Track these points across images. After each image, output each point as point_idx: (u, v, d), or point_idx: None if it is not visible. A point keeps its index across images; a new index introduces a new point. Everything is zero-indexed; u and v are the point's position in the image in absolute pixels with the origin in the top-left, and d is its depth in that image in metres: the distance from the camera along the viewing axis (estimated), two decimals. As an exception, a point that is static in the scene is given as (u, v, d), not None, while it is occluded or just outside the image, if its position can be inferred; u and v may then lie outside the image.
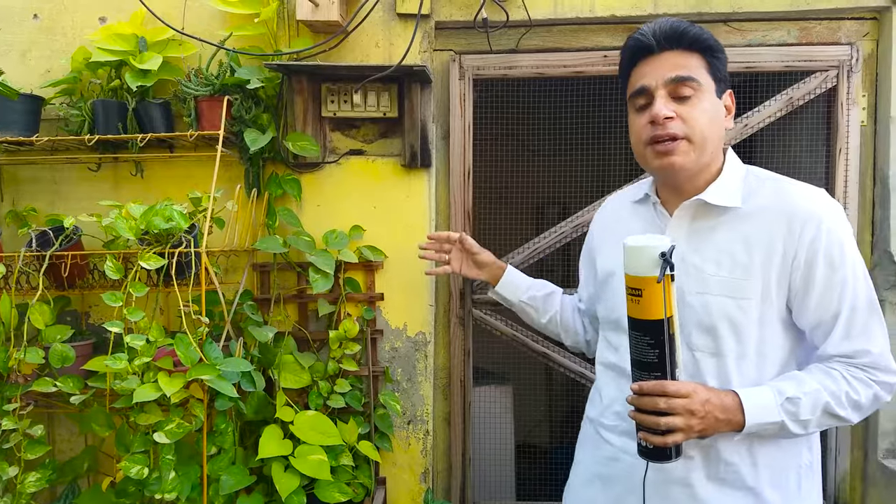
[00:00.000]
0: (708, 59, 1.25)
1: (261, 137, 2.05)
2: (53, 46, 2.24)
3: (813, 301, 1.22)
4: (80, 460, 1.97)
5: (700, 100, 1.22)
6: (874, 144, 2.20)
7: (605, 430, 1.39)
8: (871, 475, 2.21)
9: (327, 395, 2.10)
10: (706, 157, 1.25)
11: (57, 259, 1.89)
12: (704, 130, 1.22)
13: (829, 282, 1.21)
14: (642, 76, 1.25)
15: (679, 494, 1.27)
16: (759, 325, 1.23)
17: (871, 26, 2.19)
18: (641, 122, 1.26)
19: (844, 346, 1.21)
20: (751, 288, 1.22)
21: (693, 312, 1.24)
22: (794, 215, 1.21)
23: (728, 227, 1.25)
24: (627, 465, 1.32)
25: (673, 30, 1.23)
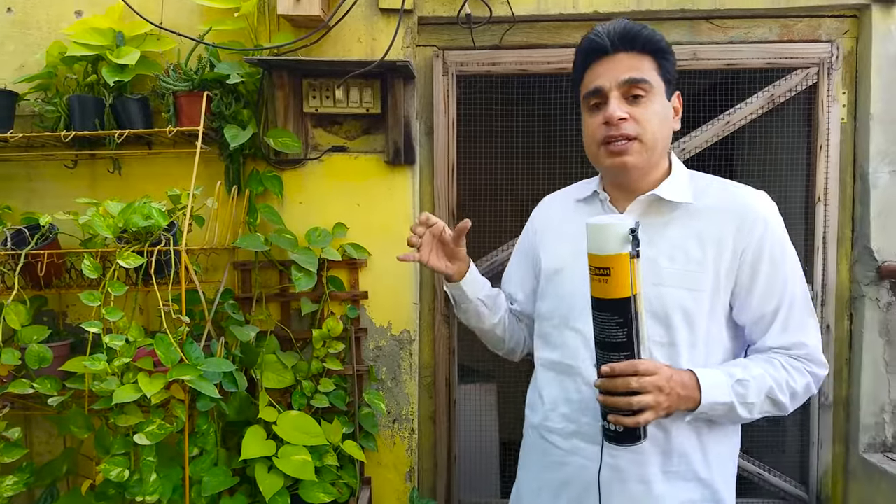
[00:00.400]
0: (659, 60, 1.28)
1: (241, 133, 2.02)
2: (27, 41, 2.19)
3: (756, 296, 1.28)
4: (59, 463, 1.93)
5: (651, 101, 1.26)
6: (854, 141, 2.23)
7: (552, 433, 1.37)
8: (853, 469, 2.23)
9: (311, 394, 2.07)
10: (656, 157, 1.31)
11: (33, 258, 1.84)
12: (655, 131, 1.27)
13: (772, 279, 1.28)
14: (597, 77, 1.28)
15: (636, 491, 1.28)
16: (709, 316, 1.28)
17: (851, 24, 2.21)
18: (595, 122, 1.29)
19: (783, 338, 1.28)
20: (704, 280, 1.27)
21: (647, 303, 1.27)
22: (744, 214, 1.28)
23: (680, 224, 1.30)
24: (578, 468, 1.32)
25: (627, 32, 1.26)
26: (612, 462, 1.28)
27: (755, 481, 2.31)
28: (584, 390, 1.31)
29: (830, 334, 2.24)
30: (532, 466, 1.44)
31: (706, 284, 1.27)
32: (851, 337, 2.25)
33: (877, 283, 2.18)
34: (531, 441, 1.45)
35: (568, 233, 1.39)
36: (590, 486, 1.29)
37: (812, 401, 2.25)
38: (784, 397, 1.25)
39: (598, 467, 1.27)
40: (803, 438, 2.30)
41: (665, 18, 2.21)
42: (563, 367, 1.36)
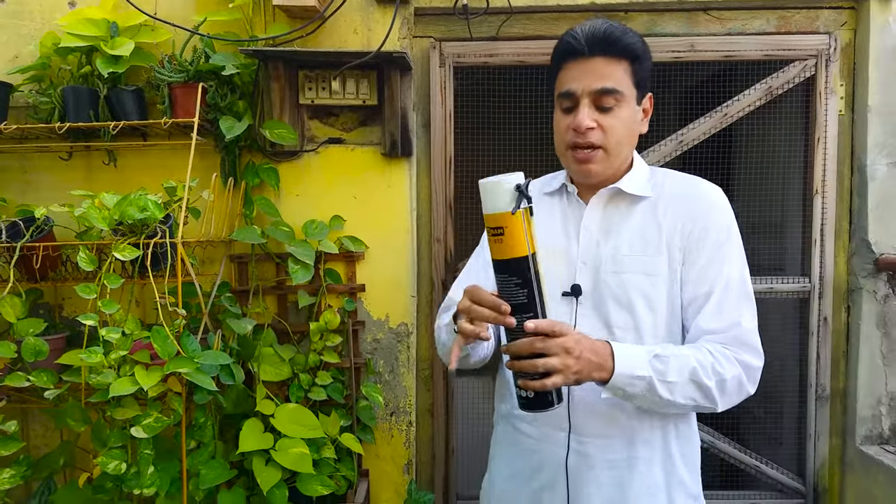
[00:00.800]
0: (634, 66, 1.29)
1: (237, 125, 2.01)
2: (21, 31, 2.17)
3: (694, 274, 1.29)
4: (56, 456, 1.92)
5: (621, 109, 1.28)
6: (852, 134, 2.22)
7: (522, 421, 1.37)
8: (850, 461, 2.24)
9: (308, 387, 2.07)
10: (619, 163, 1.33)
11: (28, 250, 1.83)
12: (621, 140, 1.30)
13: (710, 259, 1.29)
14: (571, 79, 1.29)
15: (603, 476, 1.30)
16: (667, 301, 1.30)
17: (849, 16, 2.21)
18: (564, 125, 1.31)
19: (716, 321, 1.27)
20: (660, 264, 1.30)
21: (609, 289, 1.29)
22: (693, 196, 1.34)
23: (640, 215, 1.34)
24: (549, 454, 1.32)
25: (606, 37, 1.26)
26: (580, 448, 1.29)
27: (752, 474, 2.32)
28: None
29: (828, 326, 2.24)
30: (504, 455, 1.45)
31: (662, 269, 1.30)
32: (849, 329, 2.25)
33: (874, 276, 2.18)
34: (502, 430, 1.46)
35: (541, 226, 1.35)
36: (559, 472, 1.31)
37: (809, 393, 2.26)
38: (710, 381, 1.21)
39: (566, 453, 1.29)
40: (800, 431, 2.31)
41: (662, 10, 2.20)
42: None
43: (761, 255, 2.47)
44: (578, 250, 1.33)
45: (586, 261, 1.32)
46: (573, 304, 1.31)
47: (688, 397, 1.22)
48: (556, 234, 1.37)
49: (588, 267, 1.32)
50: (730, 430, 2.38)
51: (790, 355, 2.36)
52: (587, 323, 1.30)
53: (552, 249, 1.34)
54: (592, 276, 1.31)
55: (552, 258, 1.33)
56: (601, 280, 1.30)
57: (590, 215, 1.35)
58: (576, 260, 1.33)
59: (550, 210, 1.41)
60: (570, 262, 1.34)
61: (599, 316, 1.30)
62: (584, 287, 1.31)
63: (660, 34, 2.21)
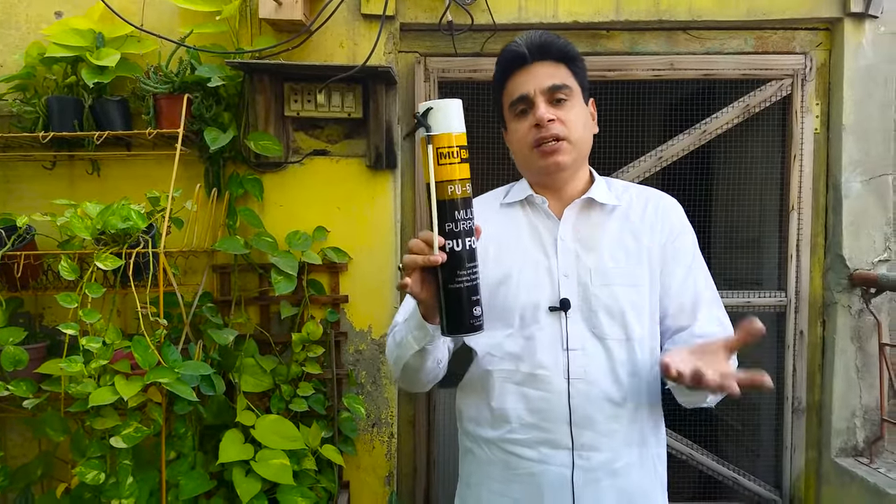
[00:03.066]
0: (572, 68, 1.35)
1: (221, 136, 2.02)
2: (6, 41, 2.18)
3: (676, 284, 1.35)
4: (34, 466, 1.91)
5: (573, 104, 1.33)
6: (827, 151, 2.27)
7: (516, 445, 1.33)
8: (826, 473, 2.27)
9: (290, 398, 2.07)
10: (581, 159, 1.37)
11: (9, 259, 1.83)
12: (580, 132, 1.34)
13: (689, 267, 1.36)
14: (520, 85, 1.34)
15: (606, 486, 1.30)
16: (650, 309, 1.34)
17: (824, 36, 2.26)
18: (524, 127, 1.34)
19: (709, 326, 1.33)
20: (642, 275, 1.33)
21: (600, 302, 1.31)
22: (658, 205, 1.39)
23: (615, 224, 1.37)
24: (552, 475, 1.31)
25: (543, 43, 1.33)
26: (585, 464, 1.29)
27: (730, 485, 2.35)
28: (550, 398, 1.30)
29: (803, 340, 2.28)
30: (494, 482, 1.38)
31: (645, 278, 1.33)
32: (824, 343, 2.29)
33: (849, 291, 2.22)
34: (487, 456, 1.38)
35: (506, 241, 1.39)
36: (565, 491, 1.30)
37: (785, 406, 2.29)
38: None
39: (571, 472, 1.29)
40: (777, 443, 2.34)
41: (643, 29, 2.24)
42: (525, 376, 1.33)
43: (739, 270, 2.51)
44: (558, 263, 1.34)
45: (568, 273, 1.33)
46: (562, 318, 1.31)
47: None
48: (530, 248, 1.37)
49: (571, 280, 1.32)
50: (708, 443, 2.41)
51: (767, 369, 2.32)
52: (578, 336, 1.30)
53: (530, 263, 1.35)
54: (579, 290, 1.32)
55: (531, 272, 1.34)
56: (591, 294, 1.31)
57: (564, 227, 1.36)
58: (556, 273, 1.33)
59: (515, 222, 1.40)
60: (551, 275, 1.33)
61: (590, 328, 1.31)
62: (572, 300, 1.31)
63: (641, 52, 2.25)
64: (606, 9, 2.18)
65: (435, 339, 1.24)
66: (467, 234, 1.11)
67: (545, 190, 1.40)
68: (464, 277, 1.12)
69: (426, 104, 1.12)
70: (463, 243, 1.11)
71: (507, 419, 1.34)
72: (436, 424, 2.34)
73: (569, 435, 1.30)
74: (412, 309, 1.26)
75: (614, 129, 2.26)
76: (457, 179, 1.11)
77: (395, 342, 1.33)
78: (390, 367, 1.44)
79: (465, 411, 1.45)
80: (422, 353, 1.25)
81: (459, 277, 1.12)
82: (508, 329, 1.35)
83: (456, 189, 1.11)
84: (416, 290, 1.14)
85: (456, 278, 1.11)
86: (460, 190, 1.11)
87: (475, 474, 1.43)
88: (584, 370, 1.29)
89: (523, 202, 1.42)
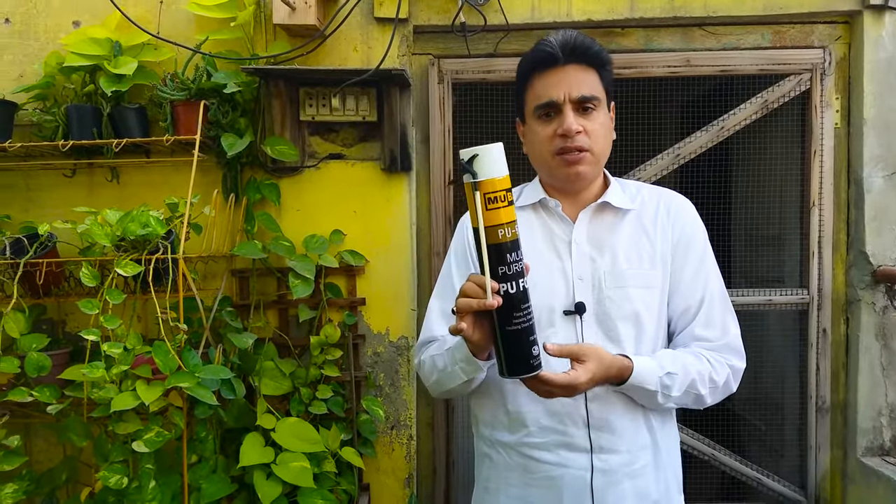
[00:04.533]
0: (602, 73, 1.33)
1: (238, 142, 2.04)
2: (26, 51, 2.21)
3: (683, 285, 1.35)
4: (58, 471, 1.94)
5: (599, 114, 1.32)
6: (848, 146, 2.24)
7: (534, 449, 1.33)
8: (851, 473, 2.24)
9: (309, 401, 2.08)
10: (600, 168, 1.38)
11: (31, 267, 1.85)
12: (602, 143, 1.33)
13: (697, 267, 1.36)
14: (548, 87, 1.31)
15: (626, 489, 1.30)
16: (659, 310, 1.35)
17: (843, 30, 2.23)
18: (548, 132, 1.32)
19: (708, 329, 1.34)
20: (656, 277, 1.34)
21: (615, 306, 1.31)
22: (670, 206, 1.39)
23: (629, 227, 1.37)
24: (571, 479, 1.30)
25: (578, 45, 1.30)
26: (604, 466, 1.29)
27: (754, 486, 2.32)
28: (566, 402, 1.29)
29: (827, 338, 2.24)
30: (513, 487, 1.38)
31: (658, 281, 1.34)
32: (848, 341, 2.26)
33: (872, 287, 2.19)
34: (505, 461, 1.38)
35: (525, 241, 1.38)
36: (584, 495, 1.29)
37: (809, 405, 2.26)
38: (704, 390, 1.30)
39: (590, 475, 1.29)
40: (801, 443, 2.31)
41: (658, 25, 2.22)
42: None
43: (760, 268, 2.48)
44: (572, 266, 1.33)
45: (582, 276, 1.33)
46: (577, 322, 1.31)
47: (680, 403, 1.31)
48: (543, 251, 1.36)
49: (585, 283, 1.32)
50: (730, 443, 2.38)
51: (790, 367, 2.37)
52: (593, 339, 1.30)
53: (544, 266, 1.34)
54: (594, 293, 1.32)
55: (545, 275, 1.34)
56: (605, 296, 1.31)
57: (578, 230, 1.36)
58: (571, 276, 1.33)
59: (528, 225, 1.39)
60: (565, 278, 1.33)
61: (604, 331, 1.31)
62: (587, 304, 1.31)
63: (656, 49, 2.24)
64: (621, 6, 2.16)
65: (484, 369, 1.28)
66: (519, 275, 1.12)
67: (559, 193, 1.40)
68: (520, 319, 1.12)
69: (470, 151, 1.11)
70: (517, 285, 1.12)
71: (524, 423, 1.34)
72: (454, 426, 2.33)
73: (587, 437, 1.30)
74: (458, 343, 1.28)
75: (630, 127, 2.23)
76: (505, 223, 1.11)
77: (437, 367, 1.36)
78: (428, 384, 1.43)
79: (480, 416, 1.45)
80: (470, 381, 1.31)
81: (516, 319, 1.12)
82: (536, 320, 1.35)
83: (506, 232, 1.11)
84: (469, 333, 1.15)
85: (513, 320, 1.12)
86: (510, 233, 1.11)
87: (493, 479, 1.42)
88: None
89: (536, 205, 1.42)
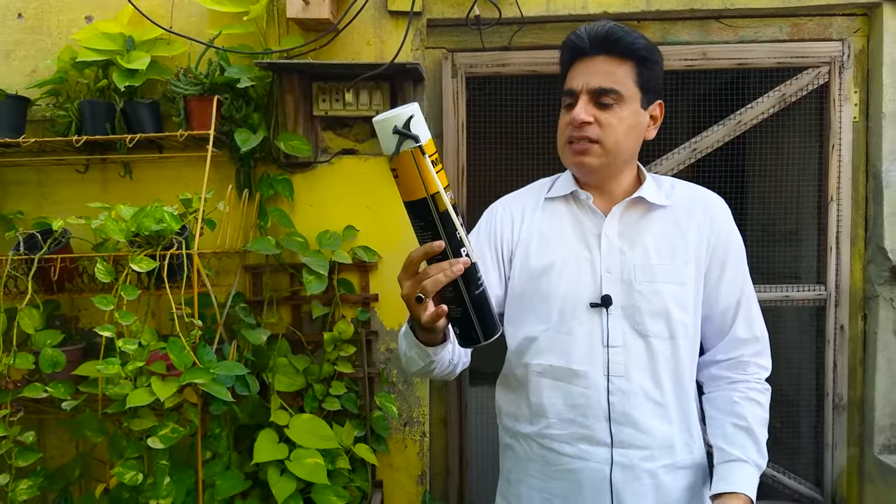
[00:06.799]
0: (638, 68, 1.29)
1: (252, 137, 2.03)
2: (39, 46, 2.20)
3: (725, 284, 1.34)
4: (72, 467, 1.93)
5: (620, 109, 1.28)
6: (866, 140, 2.21)
7: (554, 441, 1.33)
8: (868, 471, 2.22)
9: (322, 397, 2.07)
10: (619, 163, 1.33)
11: (46, 262, 1.85)
12: (619, 138, 1.29)
13: (735, 268, 1.35)
14: (574, 77, 1.31)
15: (646, 485, 1.30)
16: (694, 307, 1.33)
17: (862, 22, 2.20)
18: (565, 121, 1.32)
19: (747, 329, 1.35)
20: (689, 273, 1.32)
21: (645, 300, 1.29)
22: (707, 205, 1.37)
23: (661, 223, 1.35)
24: (591, 472, 1.30)
25: (608, 35, 1.27)
26: (624, 461, 1.28)
27: (769, 483, 2.30)
28: (589, 394, 1.29)
29: (844, 335, 2.22)
30: (534, 478, 1.38)
31: (691, 277, 1.32)
32: (865, 337, 2.24)
33: (891, 283, 2.16)
34: (526, 452, 1.38)
35: (549, 235, 1.38)
36: (604, 489, 1.29)
37: (826, 402, 2.24)
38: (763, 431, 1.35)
39: (610, 469, 1.28)
40: (818, 440, 2.29)
41: (675, 18, 2.20)
42: (563, 371, 1.32)
43: (776, 263, 2.46)
44: (601, 259, 1.32)
45: (611, 269, 1.31)
46: (603, 315, 1.30)
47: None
48: (573, 242, 1.35)
49: (614, 276, 1.31)
50: (746, 440, 2.36)
51: (806, 364, 2.35)
52: (619, 333, 1.29)
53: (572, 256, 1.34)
54: (623, 286, 1.30)
55: (574, 266, 1.33)
56: (635, 290, 1.30)
57: (609, 223, 1.34)
58: (599, 268, 1.31)
59: (559, 216, 1.39)
60: (593, 270, 1.32)
61: (632, 325, 1.29)
62: (614, 297, 1.29)
63: (672, 42, 2.21)
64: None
65: (439, 352, 1.19)
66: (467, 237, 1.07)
67: (590, 186, 1.38)
68: (481, 280, 1.07)
69: (400, 113, 1.00)
70: (470, 247, 1.06)
71: (544, 414, 1.34)
72: (468, 424, 2.32)
73: (608, 431, 1.28)
74: (405, 329, 1.23)
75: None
76: (447, 185, 1.04)
77: (402, 350, 1.29)
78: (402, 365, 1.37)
79: (503, 407, 1.45)
80: (428, 364, 1.21)
81: (479, 281, 1.07)
82: (546, 323, 1.34)
83: (452, 195, 1.05)
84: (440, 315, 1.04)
85: (478, 283, 1.06)
86: (453, 195, 1.07)
87: (515, 470, 1.42)
88: (624, 367, 1.28)
89: (567, 197, 1.40)
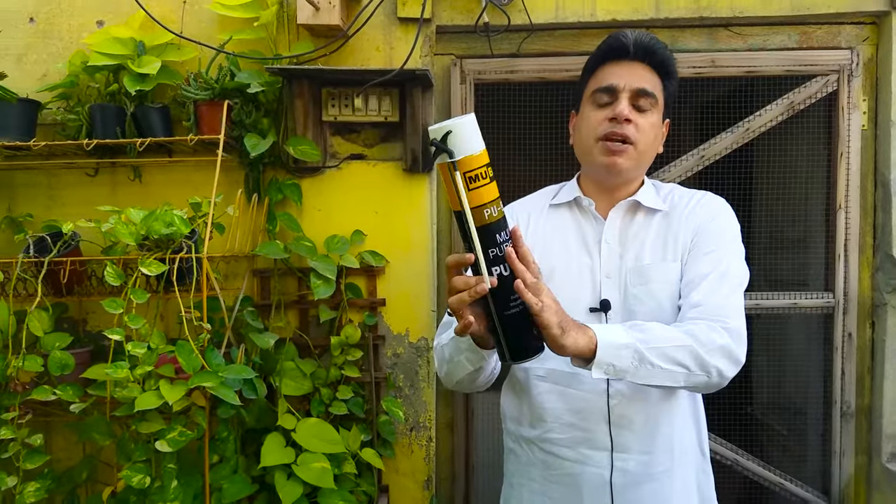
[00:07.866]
0: (665, 82, 1.35)
1: (261, 142, 2.03)
2: (50, 50, 2.22)
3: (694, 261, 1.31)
4: (79, 470, 1.93)
5: (653, 115, 1.33)
6: (875, 148, 2.21)
7: (554, 445, 1.34)
8: (876, 479, 2.21)
9: (329, 401, 2.07)
10: (641, 169, 1.37)
11: (55, 265, 1.85)
12: (649, 143, 1.33)
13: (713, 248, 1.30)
14: (612, 75, 1.32)
15: (646, 490, 1.30)
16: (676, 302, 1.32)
17: (871, 31, 2.20)
18: (600, 117, 1.32)
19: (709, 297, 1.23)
20: (677, 269, 1.32)
21: (639, 302, 1.31)
22: (699, 201, 1.38)
23: (657, 227, 1.36)
24: (590, 476, 1.31)
25: (651, 45, 1.32)
26: (624, 466, 1.29)
27: (776, 491, 2.29)
28: (588, 398, 1.30)
29: (852, 342, 2.21)
30: (535, 482, 1.39)
31: (678, 273, 1.32)
32: (873, 345, 2.23)
33: (899, 291, 2.16)
34: (528, 456, 1.39)
35: (551, 241, 1.40)
36: (604, 493, 1.30)
37: (833, 410, 2.23)
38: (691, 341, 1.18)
39: (610, 474, 1.29)
40: (825, 448, 2.28)
41: (684, 26, 2.20)
42: (563, 375, 1.32)
43: (784, 271, 2.46)
44: (600, 264, 1.34)
45: (610, 274, 1.33)
46: (602, 319, 1.31)
47: (678, 362, 1.16)
48: (574, 248, 1.37)
49: (612, 280, 1.33)
50: (753, 448, 2.36)
51: (814, 371, 2.34)
52: None
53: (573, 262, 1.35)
54: (620, 290, 1.32)
55: (574, 271, 1.34)
56: (630, 294, 1.31)
57: (610, 229, 1.36)
58: (599, 274, 1.33)
59: (562, 223, 1.41)
60: (593, 276, 1.34)
61: None
62: (613, 301, 1.31)
63: (681, 50, 2.21)
64: (646, 6, 2.14)
65: (489, 358, 1.25)
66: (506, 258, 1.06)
67: (596, 189, 1.40)
68: (518, 300, 1.05)
69: (441, 127, 1.01)
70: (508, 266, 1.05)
71: (545, 418, 1.35)
72: (474, 428, 2.32)
73: (608, 435, 1.29)
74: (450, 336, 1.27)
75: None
76: (489, 202, 1.03)
77: (445, 358, 1.32)
78: (440, 376, 1.39)
79: (507, 411, 1.47)
80: (477, 371, 1.26)
81: (514, 302, 1.05)
82: None
83: (492, 212, 1.03)
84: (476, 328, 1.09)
85: (510, 304, 1.06)
86: (496, 211, 1.04)
87: (516, 474, 1.44)
88: None
89: (570, 203, 1.43)
